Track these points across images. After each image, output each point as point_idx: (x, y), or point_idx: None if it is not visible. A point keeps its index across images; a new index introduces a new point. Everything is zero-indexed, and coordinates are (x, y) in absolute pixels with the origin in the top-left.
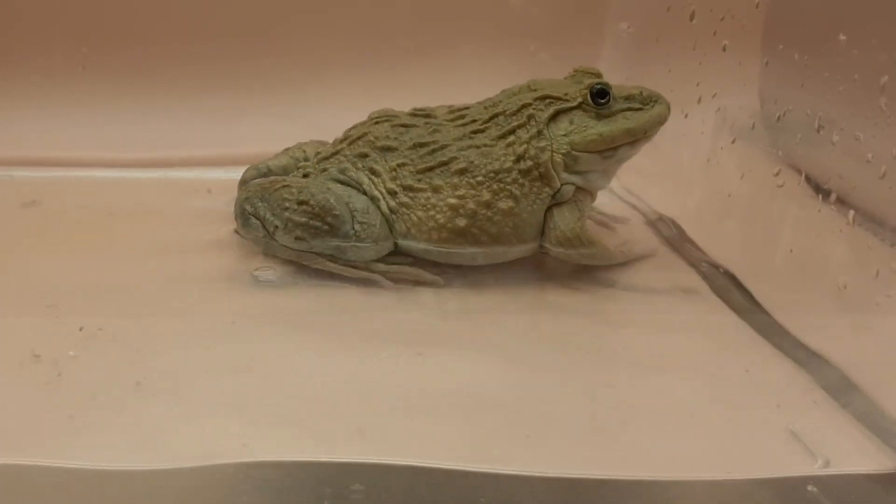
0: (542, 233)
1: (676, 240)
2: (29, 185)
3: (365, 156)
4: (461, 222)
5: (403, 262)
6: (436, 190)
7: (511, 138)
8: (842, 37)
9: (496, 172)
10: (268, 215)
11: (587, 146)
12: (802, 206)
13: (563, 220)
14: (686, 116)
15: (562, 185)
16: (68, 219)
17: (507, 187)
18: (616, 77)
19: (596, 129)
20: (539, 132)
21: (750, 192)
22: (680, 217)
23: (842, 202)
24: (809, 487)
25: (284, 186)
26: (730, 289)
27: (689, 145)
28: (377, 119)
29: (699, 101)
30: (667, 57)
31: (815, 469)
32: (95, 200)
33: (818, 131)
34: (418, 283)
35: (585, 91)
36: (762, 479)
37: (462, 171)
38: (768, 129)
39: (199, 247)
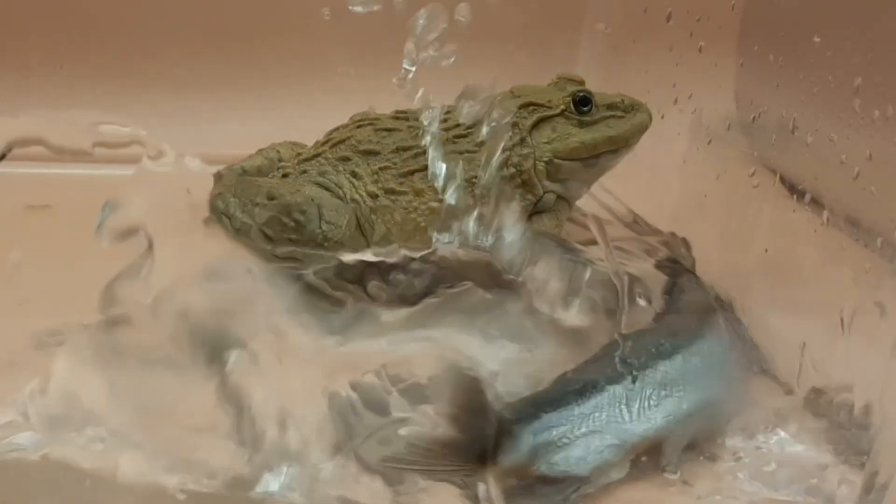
0: None
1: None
2: (5, 181)
3: (347, 159)
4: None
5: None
6: (417, 193)
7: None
8: (816, 39)
9: (478, 178)
10: (237, 212)
11: (570, 154)
12: (777, 207)
13: (543, 228)
14: (662, 117)
15: (544, 193)
16: (46, 216)
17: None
18: (594, 78)
19: (578, 136)
20: (522, 140)
21: (725, 193)
22: (656, 217)
23: (816, 203)
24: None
25: (256, 185)
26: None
27: (665, 146)
28: (359, 122)
29: (675, 101)
30: (644, 58)
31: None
32: (74, 197)
33: (793, 132)
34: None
35: (568, 99)
36: None
37: None
38: (744, 130)
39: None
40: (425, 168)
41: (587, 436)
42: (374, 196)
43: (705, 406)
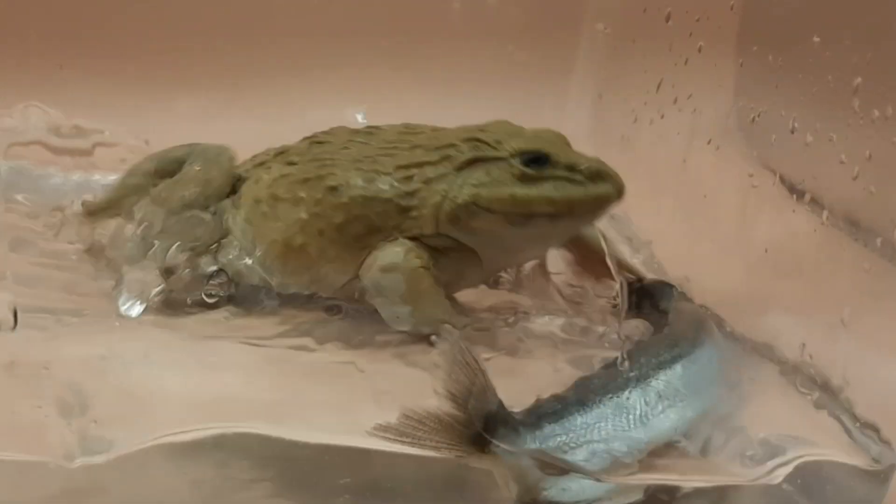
0: None
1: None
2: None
3: (265, 166)
4: (299, 239)
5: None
6: (296, 203)
7: (412, 172)
8: (815, 38)
9: (366, 199)
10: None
11: (491, 203)
12: (776, 207)
13: (385, 250)
14: (662, 117)
15: (437, 233)
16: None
17: (370, 216)
18: (593, 77)
19: (511, 188)
20: (444, 175)
21: (725, 193)
22: (655, 218)
23: (815, 203)
24: (784, 485)
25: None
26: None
27: (664, 146)
28: (307, 137)
29: (675, 101)
30: (643, 58)
31: (786, 470)
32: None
33: (792, 132)
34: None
35: (519, 147)
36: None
37: (331, 189)
38: (743, 130)
39: None
40: (318, 178)
41: (591, 444)
42: (257, 202)
43: (707, 409)
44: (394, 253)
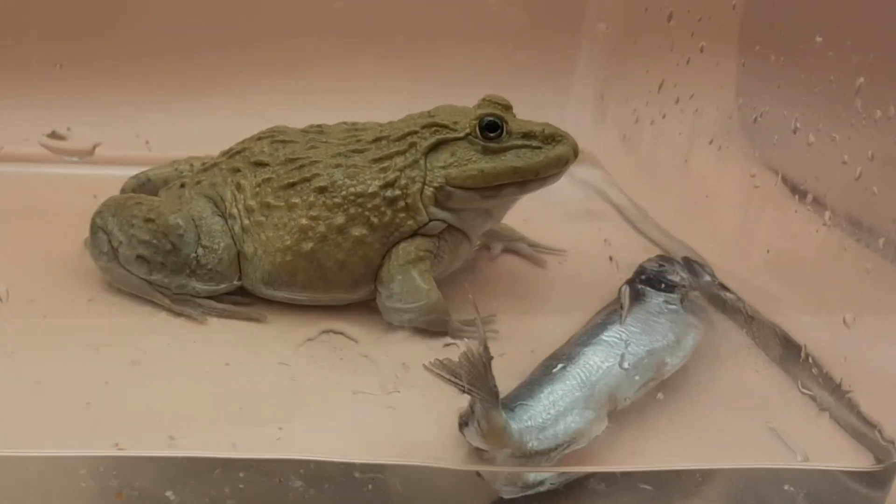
0: None
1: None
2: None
3: (237, 170)
4: (307, 245)
5: (241, 302)
6: (291, 208)
7: (386, 164)
8: (818, 38)
9: (357, 196)
10: (115, 230)
11: (464, 182)
12: (779, 207)
13: (398, 254)
14: (664, 117)
15: (430, 220)
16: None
17: (366, 213)
18: (594, 77)
19: (478, 164)
20: (415, 161)
21: (727, 193)
22: (657, 218)
23: (818, 203)
24: (786, 487)
25: (137, 203)
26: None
27: (666, 146)
28: (261, 135)
29: (677, 101)
30: (644, 58)
31: (795, 463)
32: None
33: (794, 132)
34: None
35: (475, 122)
36: (743, 468)
37: (321, 190)
38: (745, 130)
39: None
40: (305, 181)
41: (564, 410)
42: (250, 210)
43: (644, 357)
44: (405, 252)
